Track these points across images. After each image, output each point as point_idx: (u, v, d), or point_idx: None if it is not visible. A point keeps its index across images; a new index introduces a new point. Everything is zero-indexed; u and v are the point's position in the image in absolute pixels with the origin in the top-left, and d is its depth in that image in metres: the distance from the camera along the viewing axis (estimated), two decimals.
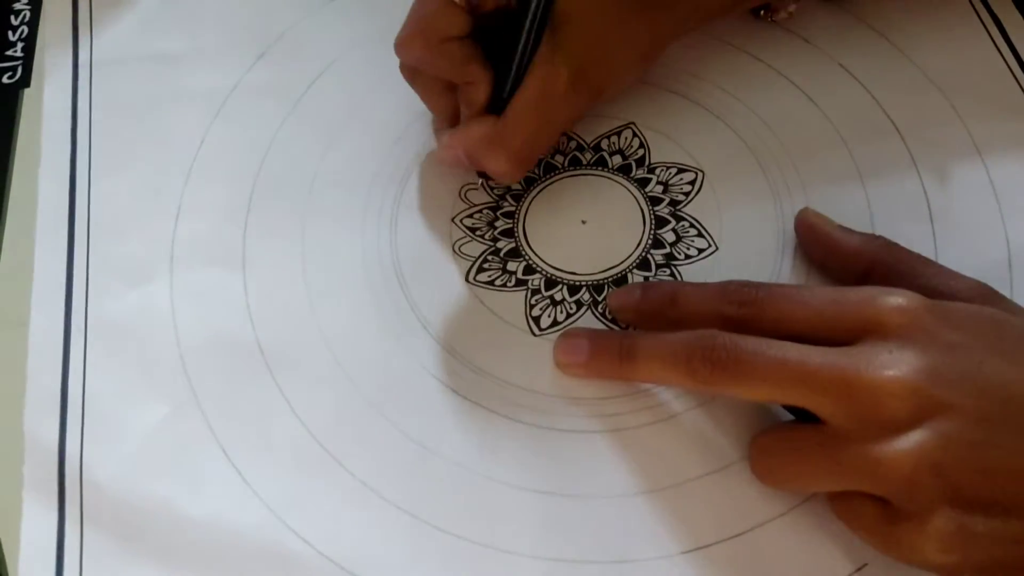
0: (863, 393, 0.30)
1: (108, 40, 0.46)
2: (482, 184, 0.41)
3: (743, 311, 0.33)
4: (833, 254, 0.37)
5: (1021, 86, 0.43)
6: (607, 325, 0.37)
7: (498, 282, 0.39)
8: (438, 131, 0.41)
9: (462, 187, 0.41)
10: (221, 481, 0.34)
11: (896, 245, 0.36)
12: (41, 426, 0.36)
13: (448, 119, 0.40)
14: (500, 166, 0.38)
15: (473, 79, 0.38)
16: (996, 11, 0.45)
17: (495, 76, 0.38)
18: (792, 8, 0.44)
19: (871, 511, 0.31)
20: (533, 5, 0.36)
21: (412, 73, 0.40)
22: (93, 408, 0.36)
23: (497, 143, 0.38)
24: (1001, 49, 0.44)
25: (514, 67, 0.37)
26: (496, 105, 0.38)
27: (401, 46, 0.38)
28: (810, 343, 0.31)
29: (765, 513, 0.33)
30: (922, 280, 0.34)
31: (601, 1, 0.37)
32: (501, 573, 0.33)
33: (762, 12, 0.45)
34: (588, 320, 0.38)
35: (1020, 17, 0.45)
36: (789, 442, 0.33)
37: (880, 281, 0.34)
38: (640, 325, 0.37)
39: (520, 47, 0.37)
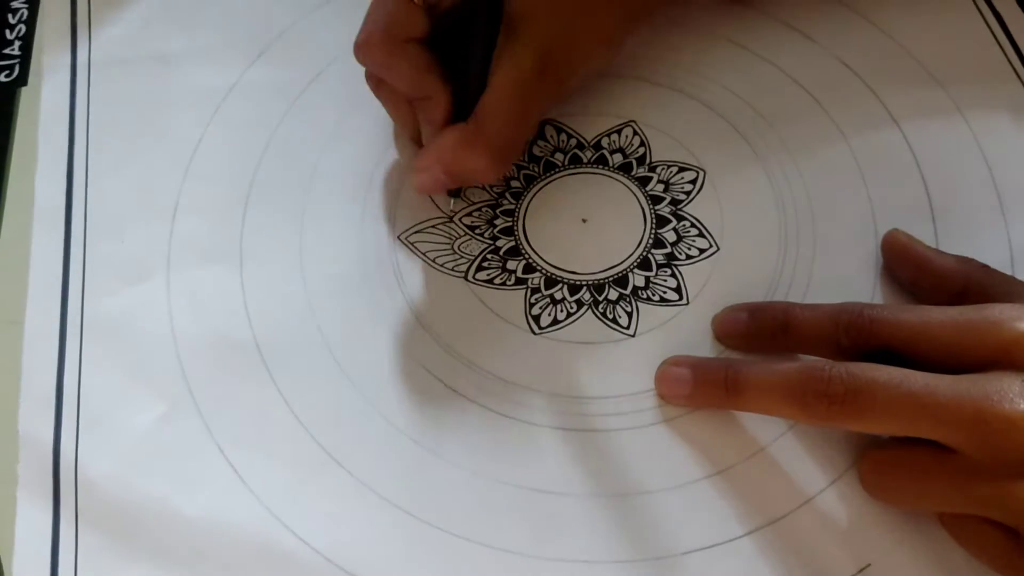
0: (998, 426, 0.29)
1: (106, 39, 0.46)
2: (462, 193, 0.40)
3: (858, 337, 0.32)
4: (926, 275, 0.36)
5: (1022, 81, 0.43)
6: (607, 324, 0.37)
7: (497, 280, 0.38)
8: (400, 142, 0.40)
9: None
10: (218, 480, 0.34)
11: (988, 267, 0.35)
12: (36, 424, 0.35)
13: (414, 133, 0.39)
14: (481, 162, 0.36)
15: (432, 92, 0.36)
16: (996, 6, 0.45)
17: (453, 89, 0.37)
18: None
19: (997, 539, 0.30)
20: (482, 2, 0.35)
21: (377, 82, 0.39)
22: (88, 406, 0.36)
23: (474, 141, 0.36)
24: (1002, 43, 0.44)
25: (475, 68, 0.36)
26: (460, 116, 0.37)
27: (361, 48, 0.36)
28: (931, 369, 0.30)
29: (767, 514, 0.33)
30: (1019, 302, 0.32)
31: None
32: (500, 573, 0.32)
33: None
34: (588, 319, 0.37)
35: (1020, 11, 0.45)
36: (909, 463, 0.31)
37: (975, 303, 0.32)
38: (747, 351, 0.36)
39: (480, 46, 0.36)
